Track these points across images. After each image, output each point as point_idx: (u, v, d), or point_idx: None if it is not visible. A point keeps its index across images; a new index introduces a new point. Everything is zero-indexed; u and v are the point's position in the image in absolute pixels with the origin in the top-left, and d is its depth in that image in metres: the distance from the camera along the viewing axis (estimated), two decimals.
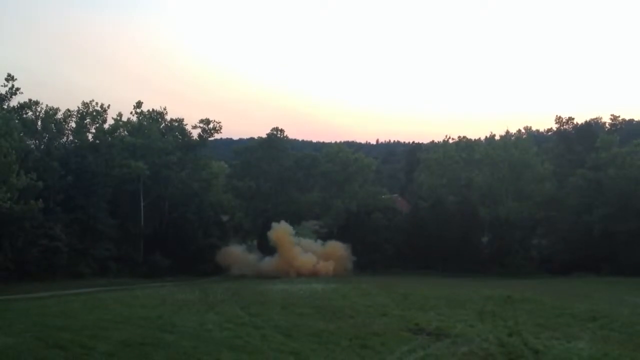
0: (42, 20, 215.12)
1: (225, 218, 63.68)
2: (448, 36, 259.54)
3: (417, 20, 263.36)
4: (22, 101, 50.66)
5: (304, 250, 55.30)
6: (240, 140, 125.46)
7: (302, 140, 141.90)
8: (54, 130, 52.41)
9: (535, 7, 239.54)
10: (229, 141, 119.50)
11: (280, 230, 55.70)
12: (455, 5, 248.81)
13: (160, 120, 63.19)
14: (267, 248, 56.96)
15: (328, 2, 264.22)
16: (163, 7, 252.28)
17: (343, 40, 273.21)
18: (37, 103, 51.60)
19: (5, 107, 48.48)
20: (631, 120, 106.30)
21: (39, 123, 51.72)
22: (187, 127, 64.16)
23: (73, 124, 53.99)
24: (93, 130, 55.37)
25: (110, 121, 57.09)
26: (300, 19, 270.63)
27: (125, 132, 58.65)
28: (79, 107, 54.27)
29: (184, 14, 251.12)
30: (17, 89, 48.69)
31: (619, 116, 77.86)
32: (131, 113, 61.37)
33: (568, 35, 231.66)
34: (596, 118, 79.54)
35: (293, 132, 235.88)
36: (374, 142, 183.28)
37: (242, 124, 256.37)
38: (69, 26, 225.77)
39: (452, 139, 72.76)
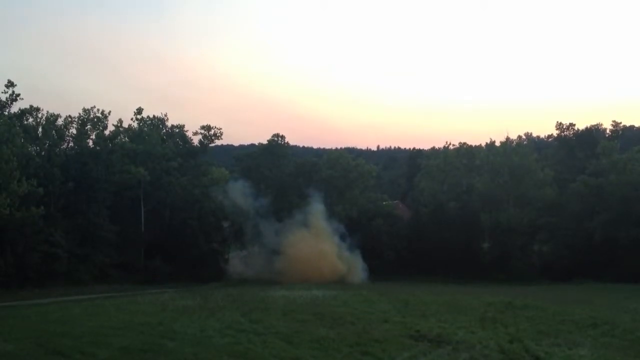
0: (41, 26, 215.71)
1: (225, 224, 63.78)
2: (448, 41, 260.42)
3: (418, 24, 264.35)
4: (22, 107, 50.80)
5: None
6: (241, 146, 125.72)
7: (303, 147, 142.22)
8: (55, 137, 52.35)
9: (536, 11, 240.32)
10: (229, 147, 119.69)
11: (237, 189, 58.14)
12: (455, 10, 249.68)
13: (161, 126, 63.42)
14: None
15: (327, 4, 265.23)
16: (164, 12, 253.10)
17: (343, 45, 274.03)
18: (37, 109, 51.61)
19: (6, 113, 48.54)
20: (632, 127, 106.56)
21: (40, 129, 51.71)
22: (187, 133, 64.56)
23: (74, 130, 53.96)
24: (93, 137, 55.45)
25: (110, 127, 57.30)
26: (300, 23, 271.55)
27: (126, 138, 58.75)
28: (79, 114, 54.30)
29: (184, 20, 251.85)
30: (18, 95, 48.74)
31: (620, 122, 78.26)
32: (132, 119, 61.68)
33: (569, 41, 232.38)
34: (597, 124, 79.77)
35: (294, 139, 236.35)
36: (374, 148, 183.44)
37: (242, 130, 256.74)
38: (69, 31, 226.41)
39: (453, 145, 72.99)
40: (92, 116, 54.61)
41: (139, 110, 61.69)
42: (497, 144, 67.68)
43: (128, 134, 59.58)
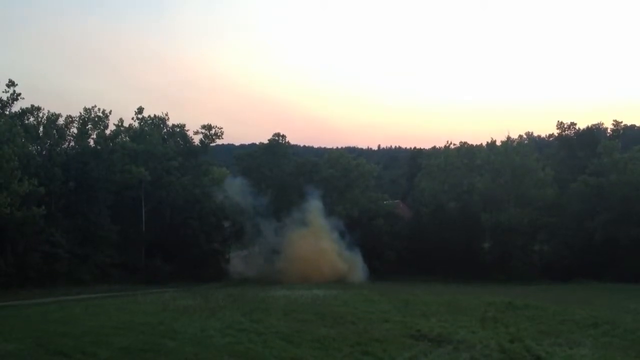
0: (41, 26, 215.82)
1: (226, 224, 63.84)
2: (448, 41, 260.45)
3: (418, 24, 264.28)
4: (23, 107, 50.78)
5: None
6: (242, 145, 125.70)
7: (304, 146, 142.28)
8: (56, 136, 52.34)
9: (536, 11, 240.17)
10: (230, 147, 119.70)
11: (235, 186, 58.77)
12: (455, 10, 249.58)
13: (161, 126, 63.43)
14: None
15: (327, 4, 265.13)
16: (164, 12, 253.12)
17: (343, 45, 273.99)
18: (38, 109, 51.60)
19: (7, 113, 48.55)
20: (633, 126, 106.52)
21: (41, 129, 51.72)
22: (188, 132, 64.53)
23: (75, 130, 53.98)
24: (94, 136, 55.45)
25: (111, 127, 57.33)
26: (300, 23, 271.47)
27: (127, 138, 58.75)
28: (80, 113, 54.31)
29: (184, 20, 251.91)
30: (19, 94, 48.67)
31: (621, 122, 78.10)
32: (132, 119, 61.74)
33: (569, 41, 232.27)
34: (598, 124, 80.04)
35: (294, 138, 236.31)
36: (375, 147, 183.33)
37: (243, 129, 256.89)
38: (69, 32, 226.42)
39: (454, 144, 72.95)
40: (93, 116, 54.60)
41: (140, 110, 61.78)
42: (498, 143, 67.65)
43: (129, 133, 59.59)
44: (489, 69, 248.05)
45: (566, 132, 72.59)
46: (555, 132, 76.58)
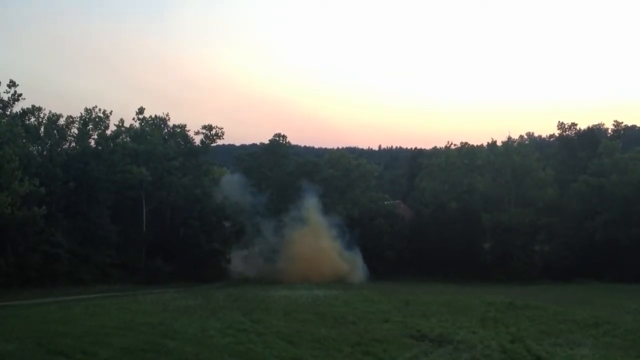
0: (42, 26, 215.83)
1: (227, 224, 63.75)
2: (448, 41, 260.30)
3: (418, 24, 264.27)
4: (24, 107, 50.76)
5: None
6: (242, 146, 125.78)
7: (304, 146, 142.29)
8: (57, 137, 52.32)
9: (536, 11, 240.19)
10: (231, 147, 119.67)
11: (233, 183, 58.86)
12: (455, 10, 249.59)
13: (162, 126, 63.37)
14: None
15: (327, 4, 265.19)
16: (164, 12, 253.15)
17: (343, 45, 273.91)
18: (39, 109, 51.57)
19: (8, 113, 48.56)
20: (634, 127, 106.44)
21: (42, 129, 51.71)
22: (189, 133, 64.40)
23: (75, 130, 53.95)
24: (95, 136, 55.38)
25: (112, 127, 57.28)
26: (300, 23, 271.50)
27: (128, 138, 58.70)
28: (81, 113, 54.27)
29: (184, 20, 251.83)
30: (19, 95, 48.71)
31: (621, 122, 78.00)
32: (133, 119, 61.66)
33: (570, 41, 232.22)
34: (599, 124, 79.98)
35: (295, 138, 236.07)
36: (376, 148, 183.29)
37: (243, 130, 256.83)
38: (70, 32, 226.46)
39: (454, 144, 72.94)
40: (93, 116, 54.58)
41: (141, 110, 61.71)
42: (499, 143, 67.64)
43: (130, 133, 59.51)
44: (489, 69, 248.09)
45: (567, 132, 72.62)
46: (556, 132, 76.70)
